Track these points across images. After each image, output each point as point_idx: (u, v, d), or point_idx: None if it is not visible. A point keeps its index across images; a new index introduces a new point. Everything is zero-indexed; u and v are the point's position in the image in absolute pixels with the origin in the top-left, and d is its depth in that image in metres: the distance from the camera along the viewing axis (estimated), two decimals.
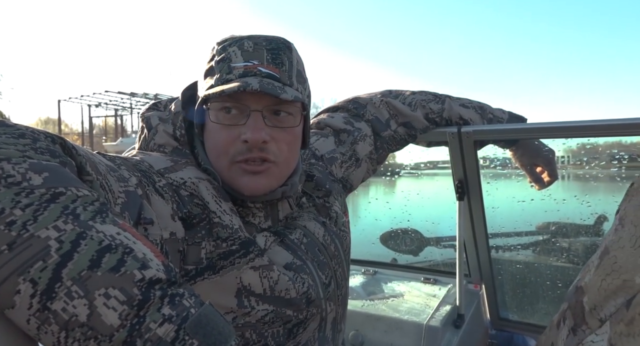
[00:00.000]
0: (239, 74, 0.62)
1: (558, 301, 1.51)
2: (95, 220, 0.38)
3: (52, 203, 0.37)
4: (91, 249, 0.36)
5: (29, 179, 0.37)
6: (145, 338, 0.35)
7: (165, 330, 0.36)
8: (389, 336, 1.14)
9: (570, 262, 1.66)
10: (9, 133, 0.40)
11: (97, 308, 0.35)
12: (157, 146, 0.69)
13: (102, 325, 0.35)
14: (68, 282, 0.34)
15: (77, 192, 0.39)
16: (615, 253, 0.46)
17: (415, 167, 1.82)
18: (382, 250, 1.92)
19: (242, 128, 0.62)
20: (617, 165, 1.37)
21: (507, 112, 1.11)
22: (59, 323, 0.34)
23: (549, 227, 1.74)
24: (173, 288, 0.39)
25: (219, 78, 0.63)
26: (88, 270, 0.35)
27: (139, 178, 0.54)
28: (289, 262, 0.66)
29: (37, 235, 0.35)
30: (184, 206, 0.58)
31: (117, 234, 0.39)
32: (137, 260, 0.38)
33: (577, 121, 0.99)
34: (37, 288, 0.34)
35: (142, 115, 0.73)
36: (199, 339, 0.37)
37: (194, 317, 0.38)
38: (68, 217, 0.37)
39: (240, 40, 0.65)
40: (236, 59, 0.63)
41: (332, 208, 0.79)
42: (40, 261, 0.34)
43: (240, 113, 0.63)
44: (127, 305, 0.35)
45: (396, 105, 1.04)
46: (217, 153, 0.64)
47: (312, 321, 0.68)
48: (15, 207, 0.35)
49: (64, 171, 0.40)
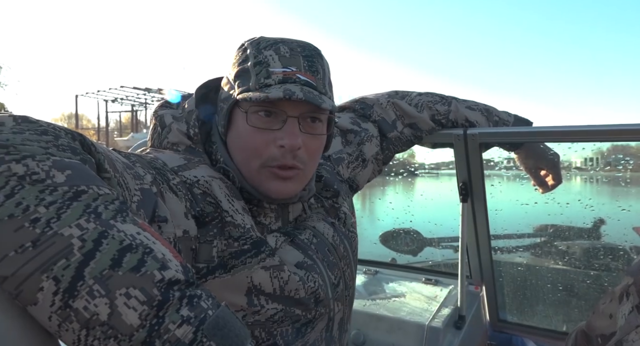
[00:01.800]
0: (279, 79, 0.62)
1: (558, 303, 1.52)
2: (116, 219, 0.38)
3: (74, 202, 0.37)
4: (112, 248, 0.36)
5: (52, 177, 0.37)
6: (164, 339, 0.35)
7: (184, 332, 0.36)
8: (390, 337, 1.14)
9: (569, 265, 1.67)
10: (32, 130, 0.40)
11: (118, 307, 0.35)
12: (171, 144, 0.69)
13: (122, 324, 0.35)
14: (90, 281, 0.35)
15: (99, 190, 0.39)
16: None
17: (419, 168, 1.82)
18: (383, 250, 1.93)
19: (278, 133, 0.63)
20: (621, 170, 1.37)
21: (512, 115, 1.11)
22: (80, 321, 0.35)
23: (546, 229, 1.75)
24: (191, 290, 0.39)
25: (256, 82, 0.62)
26: (110, 269, 0.35)
27: (154, 176, 0.54)
28: (300, 261, 0.66)
29: (61, 233, 0.35)
30: (197, 204, 0.58)
31: (137, 234, 0.39)
32: (157, 260, 0.38)
33: (583, 125, 0.99)
34: (60, 286, 0.34)
35: (155, 113, 0.73)
36: (217, 341, 0.37)
37: (212, 319, 0.38)
38: (90, 216, 0.37)
39: (275, 44, 0.65)
40: (274, 64, 0.63)
41: (341, 209, 0.79)
42: (63, 259, 0.35)
43: (276, 118, 0.63)
44: (147, 305, 0.36)
45: (403, 106, 1.05)
46: (248, 155, 0.64)
47: (320, 321, 0.68)
48: (40, 204, 0.36)
49: (86, 169, 0.40)
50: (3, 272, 0.34)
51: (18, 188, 0.36)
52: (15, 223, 0.34)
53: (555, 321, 1.49)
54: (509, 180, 1.46)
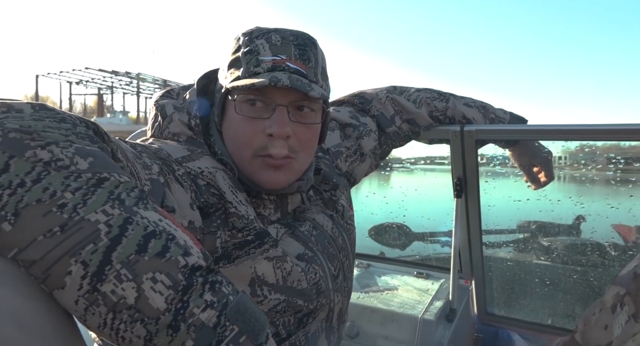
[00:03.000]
0: (268, 67, 0.62)
1: (544, 298, 1.56)
2: (138, 206, 0.39)
3: (98, 188, 0.37)
4: (138, 234, 0.37)
5: (76, 163, 0.37)
6: (189, 323, 0.36)
7: (208, 316, 0.37)
8: (384, 328, 1.16)
9: (556, 261, 1.71)
10: (51, 117, 0.40)
11: (145, 291, 0.35)
12: (172, 135, 0.68)
13: (149, 308, 0.35)
14: (117, 265, 0.35)
15: (119, 178, 0.39)
16: None
17: (413, 162, 1.84)
18: (373, 244, 1.95)
19: (267, 121, 0.63)
20: (612, 169, 1.41)
21: (508, 113, 1.13)
22: (107, 304, 0.35)
23: (530, 226, 1.79)
24: (212, 275, 0.39)
25: (246, 70, 0.63)
26: (136, 254, 0.36)
27: (160, 166, 0.54)
28: (300, 253, 0.67)
29: (88, 219, 0.35)
30: (201, 195, 0.59)
31: (160, 221, 0.39)
32: (180, 246, 0.38)
33: (577, 124, 1.02)
34: (88, 270, 0.34)
35: (155, 103, 0.72)
36: (239, 325, 0.38)
37: (234, 304, 0.39)
38: (115, 202, 0.37)
39: (267, 33, 0.65)
40: (264, 52, 0.63)
41: (339, 202, 0.80)
42: (91, 243, 0.35)
43: (265, 107, 0.63)
44: (172, 289, 0.36)
45: (401, 101, 1.05)
46: (239, 144, 0.64)
47: (321, 311, 0.69)
48: (66, 190, 0.36)
49: (106, 157, 0.41)
50: (32, 256, 0.34)
51: (44, 174, 0.36)
52: (43, 208, 0.34)
53: (541, 314, 1.53)
54: (497, 177, 1.49)
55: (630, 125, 0.95)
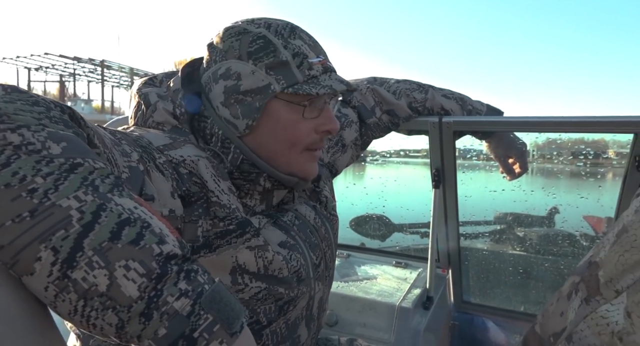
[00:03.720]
0: (321, 70, 0.66)
1: (518, 286, 1.61)
2: (113, 192, 0.38)
3: (71, 174, 0.36)
4: (111, 221, 0.36)
5: (48, 148, 0.36)
6: (162, 311, 0.36)
7: (182, 304, 0.37)
8: (362, 316, 1.18)
9: (527, 251, 1.77)
10: (23, 100, 0.39)
11: (117, 279, 0.35)
12: (156, 124, 0.67)
13: (121, 295, 0.35)
14: (89, 252, 0.34)
15: (94, 164, 0.39)
16: (636, 232, 0.50)
17: (385, 155, 1.86)
18: (354, 235, 1.97)
19: (317, 120, 0.67)
20: (582, 160, 1.46)
21: (485, 105, 1.15)
22: (78, 291, 0.34)
23: (506, 218, 1.84)
24: (188, 264, 0.39)
25: (302, 74, 0.64)
26: (109, 242, 0.35)
27: (140, 154, 0.53)
28: (282, 241, 0.67)
29: (59, 204, 0.35)
30: (182, 184, 0.58)
31: (135, 208, 0.39)
32: (155, 234, 0.38)
33: (550, 117, 1.04)
34: (58, 257, 0.34)
35: (138, 91, 0.70)
36: (214, 314, 0.38)
37: (208, 293, 0.39)
38: (88, 188, 0.36)
39: (294, 31, 0.67)
40: (310, 54, 0.66)
41: (322, 193, 0.81)
42: (62, 230, 0.34)
43: (312, 106, 0.66)
44: (146, 277, 0.36)
45: (381, 92, 1.06)
46: (292, 143, 0.67)
47: (302, 299, 0.70)
48: (37, 174, 0.35)
49: (80, 142, 0.40)
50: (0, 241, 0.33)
51: (14, 157, 0.35)
52: (12, 193, 0.34)
53: (514, 302, 1.58)
54: (480, 169, 1.52)
55: (601, 118, 0.99)
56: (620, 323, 0.46)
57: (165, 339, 0.36)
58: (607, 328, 0.48)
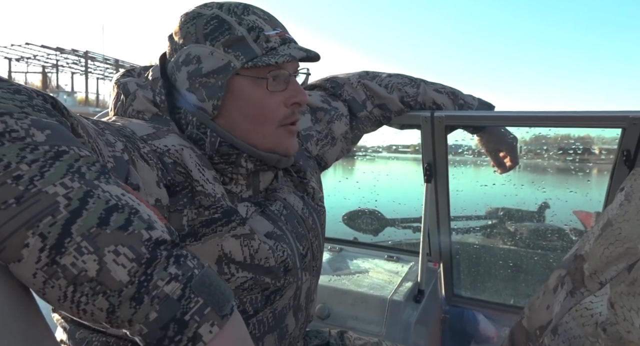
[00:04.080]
0: (279, 41, 0.65)
1: (507, 279, 1.63)
2: (99, 180, 0.38)
3: (57, 161, 0.36)
4: (99, 207, 0.36)
5: (32, 135, 0.36)
6: (153, 295, 0.36)
7: (172, 288, 0.37)
8: (354, 310, 1.19)
9: (517, 245, 1.79)
10: (4, 88, 0.38)
11: (107, 264, 0.35)
12: (136, 112, 0.66)
13: (111, 280, 0.35)
14: (78, 238, 0.34)
15: (79, 151, 0.38)
16: (620, 225, 0.51)
17: (378, 150, 1.87)
18: (346, 229, 1.97)
19: (285, 93, 0.66)
20: (571, 155, 1.48)
21: (476, 99, 1.16)
22: (68, 277, 0.34)
23: (497, 212, 1.86)
24: (177, 250, 0.39)
25: (261, 47, 0.64)
26: (97, 227, 0.35)
27: (124, 144, 0.53)
28: (269, 231, 0.67)
29: (45, 191, 0.34)
30: (167, 173, 0.58)
31: (122, 195, 0.38)
32: (143, 221, 0.38)
33: (540, 112, 1.05)
34: (47, 243, 0.33)
35: (117, 81, 0.70)
36: (204, 297, 0.38)
37: (198, 277, 0.39)
38: (74, 175, 0.36)
39: (247, 8, 0.66)
40: (266, 27, 0.65)
41: (309, 184, 0.81)
42: (49, 216, 0.34)
43: (277, 80, 0.66)
44: (135, 262, 0.36)
45: (373, 86, 1.06)
46: (264, 119, 0.66)
47: (289, 289, 0.70)
48: (21, 162, 0.34)
49: (64, 130, 0.39)
50: None
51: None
52: None
53: (504, 295, 1.60)
54: (471, 163, 1.53)
55: (590, 113, 1.00)
56: (604, 314, 0.47)
57: (157, 323, 0.36)
58: (591, 319, 0.49)
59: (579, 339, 0.50)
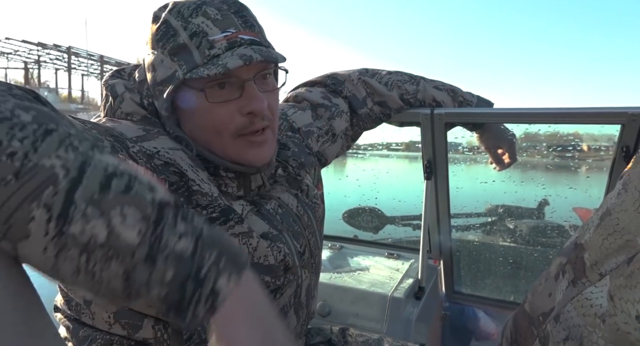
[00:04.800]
0: (225, 46, 0.59)
1: (508, 276, 1.63)
2: (94, 150, 0.37)
3: (47, 136, 0.35)
4: (98, 174, 0.35)
5: (18, 115, 0.35)
6: (166, 254, 0.35)
7: (184, 245, 0.36)
8: (355, 307, 1.19)
9: (517, 242, 1.79)
10: None
11: (115, 227, 0.34)
12: (125, 114, 0.66)
13: (122, 243, 0.34)
14: (82, 204, 0.34)
15: (69, 129, 0.38)
16: (618, 216, 0.51)
17: (367, 148, 1.87)
18: (346, 227, 1.98)
19: (240, 101, 0.61)
20: (571, 152, 1.48)
21: (476, 96, 1.16)
22: (79, 245, 0.34)
23: (497, 209, 1.87)
24: (182, 209, 0.39)
25: (202, 55, 0.59)
26: (100, 193, 0.35)
27: (112, 143, 0.53)
28: (265, 231, 0.67)
29: (42, 164, 0.34)
30: (159, 174, 0.57)
31: (119, 163, 0.38)
32: (144, 184, 0.38)
33: (539, 108, 1.06)
34: (52, 213, 0.33)
35: (105, 83, 0.69)
36: (218, 249, 0.38)
37: (208, 232, 0.38)
38: (68, 148, 0.36)
39: (199, 9, 0.61)
40: (212, 31, 0.59)
41: (304, 181, 0.80)
42: (50, 186, 0.33)
43: (232, 87, 0.61)
44: (143, 222, 0.35)
45: (373, 84, 1.06)
46: (217, 131, 0.63)
47: (289, 287, 0.70)
48: (13, 139, 0.34)
49: (50, 112, 0.38)
50: None
51: None
52: None
53: (504, 292, 1.61)
54: (471, 160, 1.53)
55: (589, 109, 1.00)
56: (604, 306, 0.48)
57: (174, 281, 0.35)
58: (591, 310, 0.49)
59: (578, 328, 0.51)
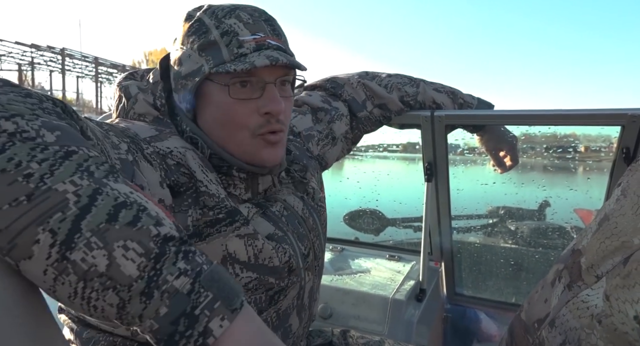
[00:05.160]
0: (252, 47, 0.62)
1: (509, 278, 1.63)
2: (108, 178, 0.38)
3: (66, 160, 0.37)
4: (108, 204, 0.36)
5: (42, 136, 0.37)
6: (163, 290, 0.36)
7: (182, 283, 0.37)
8: (356, 309, 1.19)
9: (518, 243, 1.79)
10: (15, 92, 0.39)
11: (116, 259, 0.35)
12: (138, 115, 0.67)
13: (121, 275, 0.35)
14: (87, 233, 0.35)
15: (88, 152, 0.39)
16: (616, 220, 0.51)
17: (366, 150, 1.87)
18: (347, 229, 1.98)
19: (259, 101, 0.64)
20: (571, 153, 1.48)
21: (476, 98, 1.16)
22: (78, 273, 0.35)
23: (498, 211, 1.87)
24: (185, 246, 0.39)
25: (230, 53, 0.62)
26: (106, 223, 0.35)
27: (128, 145, 0.54)
28: (270, 233, 0.68)
29: (55, 188, 0.35)
30: (171, 174, 0.59)
31: (130, 193, 0.39)
32: (152, 217, 0.38)
33: (539, 110, 1.06)
34: (57, 238, 0.34)
35: (119, 84, 0.71)
36: (214, 292, 0.38)
37: (207, 272, 0.39)
38: (83, 174, 0.37)
39: (232, 12, 0.64)
40: (242, 32, 0.63)
41: (309, 184, 0.81)
42: (59, 212, 0.34)
43: (253, 87, 0.64)
44: (145, 257, 0.36)
45: (372, 86, 1.07)
46: (234, 128, 0.64)
47: (292, 289, 0.70)
48: (32, 160, 0.35)
49: (74, 131, 0.40)
50: None
51: (9, 144, 0.35)
52: (8, 178, 0.34)
53: (505, 293, 1.61)
54: (471, 162, 1.53)
55: (589, 111, 1.00)
56: (600, 306, 0.48)
57: (167, 317, 0.36)
58: (587, 312, 0.49)
59: (575, 331, 0.50)
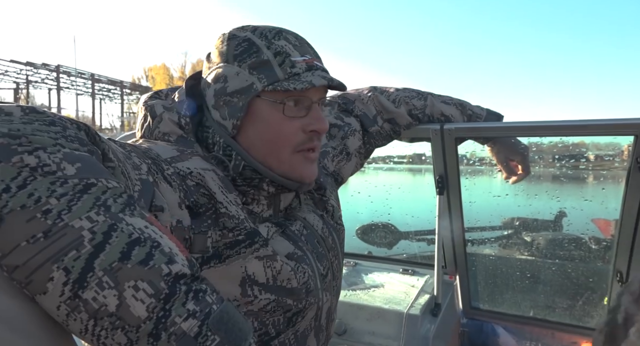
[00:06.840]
0: (304, 68, 0.65)
1: (526, 291, 1.60)
2: (124, 212, 0.39)
3: (84, 194, 0.38)
4: (122, 241, 0.37)
5: (63, 169, 0.38)
6: (170, 332, 0.37)
7: (190, 325, 0.37)
8: (371, 325, 1.18)
9: (534, 255, 1.76)
10: (40, 120, 0.40)
11: (126, 299, 0.36)
12: (162, 134, 0.69)
13: (130, 316, 0.36)
14: (100, 272, 0.35)
15: (107, 183, 0.40)
16: None
17: (388, 161, 1.87)
18: (360, 244, 1.97)
19: (305, 119, 0.67)
20: (584, 163, 1.46)
21: (485, 109, 1.16)
22: (89, 311, 0.35)
23: (513, 222, 1.84)
24: (196, 284, 0.40)
25: (284, 72, 0.64)
26: (119, 262, 0.36)
27: (149, 165, 0.55)
28: (290, 252, 0.68)
29: (72, 225, 0.36)
30: (190, 195, 0.59)
31: (145, 227, 0.40)
32: (164, 254, 0.39)
33: (550, 121, 1.06)
34: (70, 277, 0.35)
35: (144, 103, 0.72)
36: (221, 335, 0.39)
37: (217, 313, 0.39)
38: (100, 209, 0.38)
39: (280, 33, 0.67)
40: (293, 53, 0.66)
41: (329, 202, 0.81)
42: (74, 250, 0.35)
43: (299, 106, 0.66)
44: (154, 298, 0.37)
45: (382, 101, 1.08)
46: (280, 144, 0.67)
47: (310, 310, 0.70)
48: (51, 196, 0.36)
49: (94, 161, 0.41)
50: (14, 261, 0.35)
51: (30, 179, 0.36)
52: (27, 214, 0.35)
53: (523, 307, 1.57)
54: (483, 174, 1.52)
55: (601, 121, 1.00)
56: None
57: None
58: None
59: None
